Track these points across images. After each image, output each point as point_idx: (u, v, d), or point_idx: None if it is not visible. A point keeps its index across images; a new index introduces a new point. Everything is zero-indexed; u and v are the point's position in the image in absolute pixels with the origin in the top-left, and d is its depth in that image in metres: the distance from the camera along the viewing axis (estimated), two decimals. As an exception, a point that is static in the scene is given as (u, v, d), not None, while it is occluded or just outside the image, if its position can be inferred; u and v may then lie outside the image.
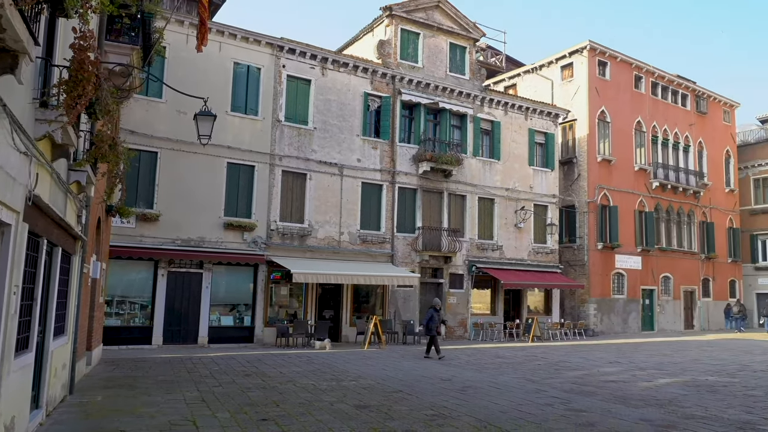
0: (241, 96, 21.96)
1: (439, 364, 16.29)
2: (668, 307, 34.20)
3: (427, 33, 26.39)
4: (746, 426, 8.50)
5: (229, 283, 21.43)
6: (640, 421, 8.74)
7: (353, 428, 7.95)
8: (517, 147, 28.70)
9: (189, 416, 8.52)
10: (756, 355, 20.16)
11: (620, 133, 32.65)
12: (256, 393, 10.65)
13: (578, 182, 31.30)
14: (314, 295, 22.82)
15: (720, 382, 13.19)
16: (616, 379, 13.66)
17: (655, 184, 33.79)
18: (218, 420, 8.32)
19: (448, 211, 26.25)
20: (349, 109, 24.09)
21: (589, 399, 10.67)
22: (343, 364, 15.72)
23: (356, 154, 24.08)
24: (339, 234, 23.34)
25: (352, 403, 9.83)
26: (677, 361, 17.75)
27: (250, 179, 21.78)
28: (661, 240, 34.20)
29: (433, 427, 8.08)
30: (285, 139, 22.56)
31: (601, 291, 30.71)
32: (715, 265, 37.35)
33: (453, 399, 10.40)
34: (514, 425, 8.30)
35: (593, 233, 30.78)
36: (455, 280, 26.29)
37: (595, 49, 31.89)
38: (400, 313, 24.44)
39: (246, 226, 21.33)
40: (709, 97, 38.34)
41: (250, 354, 17.82)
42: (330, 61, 23.75)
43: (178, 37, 20.40)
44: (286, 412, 8.99)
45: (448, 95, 26.51)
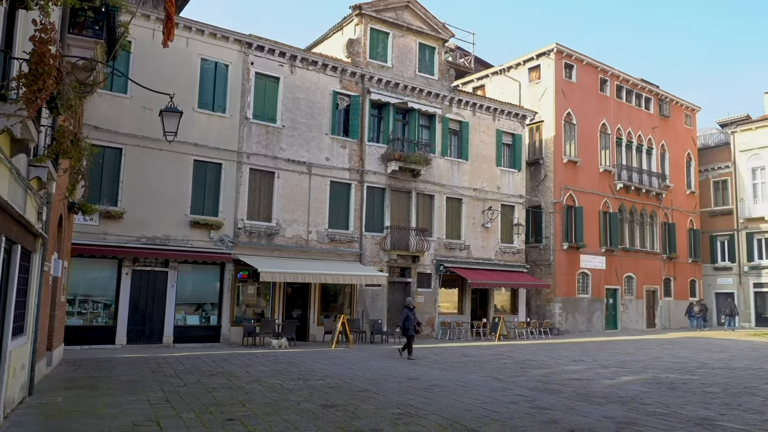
0: (208, 93, 21.71)
1: (407, 363, 16.36)
2: (631, 306, 34.86)
3: (397, 33, 26.44)
4: (704, 422, 8.71)
5: (195, 282, 21.17)
6: (603, 418, 8.90)
7: (319, 428, 7.92)
8: (484, 147, 28.94)
9: (153, 417, 8.39)
10: (714, 353, 20.68)
11: (586, 135, 33.16)
12: (221, 393, 10.55)
13: (545, 183, 31.70)
14: (282, 294, 22.68)
15: (680, 380, 13.50)
16: (580, 377, 13.87)
17: (619, 185, 34.42)
18: (183, 420, 8.22)
19: (417, 210, 26.34)
20: (317, 108, 24.01)
21: (554, 397, 10.82)
22: (311, 363, 15.67)
23: (325, 153, 24.01)
24: (307, 233, 23.24)
25: (319, 402, 9.80)
26: (639, 360, 18.11)
27: (217, 177, 21.55)
28: (624, 240, 34.85)
29: (400, 426, 8.10)
30: (253, 136, 22.37)
31: (566, 290, 31.17)
32: (676, 266, 38.20)
33: (420, 398, 10.45)
34: (480, 423, 8.37)
35: (559, 233, 31.21)
36: (423, 279, 26.40)
37: (562, 52, 32.34)
38: (368, 312, 24.45)
39: (213, 225, 21.10)
40: (672, 101, 39.20)
41: (217, 353, 17.63)
42: (299, 59, 23.63)
43: (144, 32, 20.07)
44: (252, 411, 8.92)
45: (417, 95, 26.61)
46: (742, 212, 39.40)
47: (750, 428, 8.32)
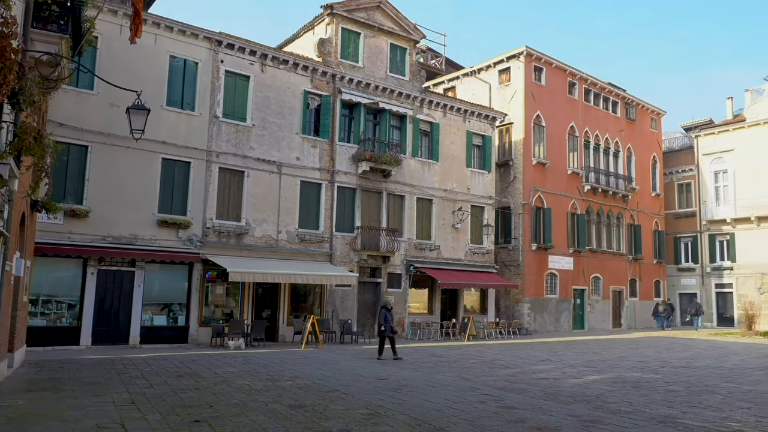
0: (177, 90, 21.44)
1: (377, 363, 16.38)
2: (598, 306, 35.40)
3: (368, 33, 26.45)
4: (666, 420, 8.89)
5: (162, 282, 20.89)
6: (569, 416, 9.02)
7: (288, 428, 7.89)
8: (455, 149, 29.12)
9: (118, 419, 8.25)
10: (677, 352, 21.13)
11: (554, 138, 33.58)
12: (189, 394, 10.42)
13: (514, 184, 32.02)
14: (251, 294, 22.51)
15: (644, 379, 13.76)
16: (547, 376, 14.04)
17: (587, 187, 34.92)
18: (149, 422, 8.10)
19: (387, 211, 26.38)
20: (288, 107, 23.89)
21: (521, 396, 10.94)
22: (280, 364, 15.58)
23: (295, 153, 23.90)
24: (277, 233, 23.11)
25: (288, 403, 9.75)
26: (605, 359, 18.40)
27: (186, 176, 21.30)
28: (591, 241, 35.38)
29: (369, 426, 8.10)
30: (222, 135, 22.17)
31: (534, 291, 31.52)
32: (642, 266, 38.92)
33: (389, 398, 10.46)
34: (448, 423, 8.42)
35: (528, 234, 31.55)
36: (393, 279, 26.45)
37: (532, 55, 32.70)
38: (338, 312, 24.40)
39: (181, 224, 20.84)
40: (638, 105, 39.93)
41: (184, 354, 17.42)
42: (270, 57, 23.48)
43: (111, 28, 19.74)
44: (219, 413, 8.83)
45: (388, 96, 26.65)
46: (705, 214, 40.33)
47: (710, 425, 8.52)
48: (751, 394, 11.49)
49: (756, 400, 10.76)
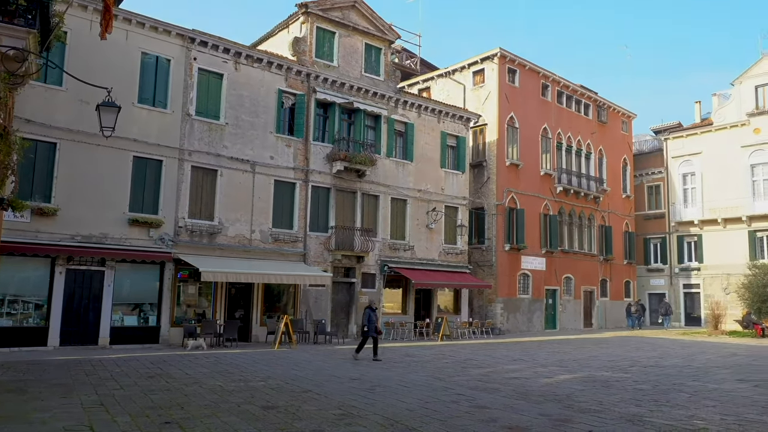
0: (149, 87, 21.16)
1: (350, 363, 16.35)
2: (569, 306, 35.82)
3: (343, 32, 26.40)
4: (634, 418, 9.03)
5: (133, 282, 20.60)
6: (540, 416, 9.11)
7: (260, 429, 7.83)
8: (429, 149, 29.22)
9: (86, 421, 8.12)
10: (646, 351, 21.47)
11: (528, 139, 33.89)
12: (159, 395, 10.29)
13: (488, 185, 32.24)
14: (224, 294, 22.32)
15: (613, 378, 13.95)
16: (519, 375, 14.17)
17: (559, 188, 35.31)
18: (118, 424, 7.98)
19: (362, 210, 26.37)
20: (262, 106, 23.73)
21: (493, 395, 11.01)
22: (252, 364, 15.47)
23: (269, 152, 23.75)
24: (250, 232, 22.95)
25: (260, 404, 9.69)
26: (576, 358, 18.62)
27: (158, 174, 21.03)
28: (563, 242, 35.78)
29: (341, 427, 8.09)
30: (195, 133, 21.94)
31: (507, 291, 31.77)
32: (612, 267, 39.48)
33: (362, 398, 10.46)
34: (421, 422, 8.45)
35: (501, 235, 31.79)
36: (367, 279, 26.43)
37: (506, 57, 32.95)
38: (312, 312, 24.32)
39: (152, 223, 20.58)
40: (609, 108, 40.49)
41: (155, 355, 17.21)
42: (244, 55, 23.30)
43: (81, 23, 19.42)
44: (190, 414, 8.74)
45: (363, 95, 26.63)
46: (674, 216, 41.09)
47: (676, 423, 8.68)
48: (716, 393, 11.72)
49: (721, 399, 10.99)
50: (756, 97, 38.42)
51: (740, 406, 10.17)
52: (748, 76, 38.78)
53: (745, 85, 38.86)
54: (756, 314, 30.71)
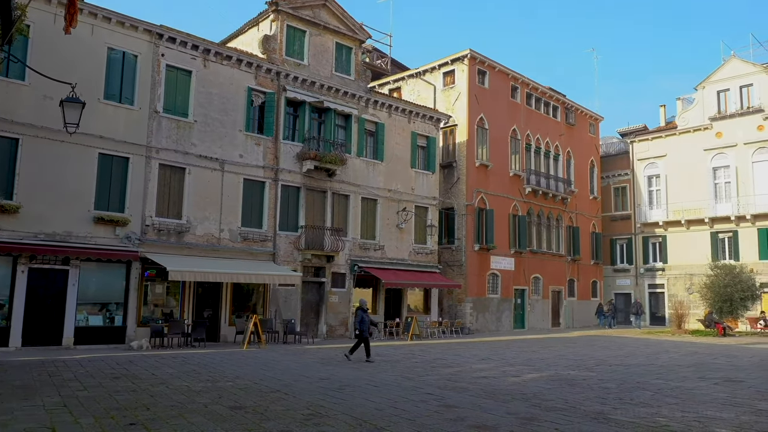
0: (115, 83, 20.80)
1: (320, 363, 16.30)
2: (538, 306, 36.24)
3: (314, 31, 26.30)
4: (599, 416, 9.18)
5: (99, 281, 20.24)
6: (507, 414, 9.20)
7: (227, 430, 7.76)
8: (400, 149, 29.28)
9: (48, 423, 7.94)
10: (612, 350, 21.83)
11: (497, 140, 34.19)
12: (124, 396, 10.13)
13: (457, 185, 32.43)
14: (192, 293, 22.06)
15: (580, 376, 14.15)
16: (488, 375, 14.28)
17: (528, 189, 35.70)
18: (81, 426, 7.82)
19: (332, 210, 26.30)
20: (231, 104, 23.51)
21: (461, 395, 11.08)
22: (221, 364, 15.32)
23: (239, 150, 23.55)
24: (219, 231, 22.72)
25: (228, 404, 9.60)
26: (543, 357, 18.84)
27: (124, 172, 20.69)
28: (532, 242, 36.19)
29: (309, 427, 8.06)
30: (163, 131, 21.64)
31: (477, 291, 32.01)
32: (580, 267, 40.06)
33: (330, 398, 10.43)
34: (389, 422, 8.46)
35: (471, 235, 32.01)
36: (337, 279, 26.39)
37: (476, 58, 33.19)
38: (281, 312, 24.18)
39: (119, 221, 20.23)
40: (577, 110, 41.08)
41: (121, 355, 16.93)
42: (213, 52, 23.05)
43: (45, 16, 19.00)
44: (156, 415, 8.62)
45: (333, 95, 26.56)
46: (639, 217, 41.89)
47: (639, 421, 8.84)
48: (678, 390, 11.98)
49: (682, 396, 11.23)
50: (718, 101, 39.36)
51: (700, 404, 10.40)
52: (710, 81, 39.71)
53: (708, 90, 39.78)
54: (717, 314, 31.45)
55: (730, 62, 39.24)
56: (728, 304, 31.02)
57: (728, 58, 39.47)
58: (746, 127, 37.86)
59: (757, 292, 31.48)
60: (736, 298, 30.82)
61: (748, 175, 37.59)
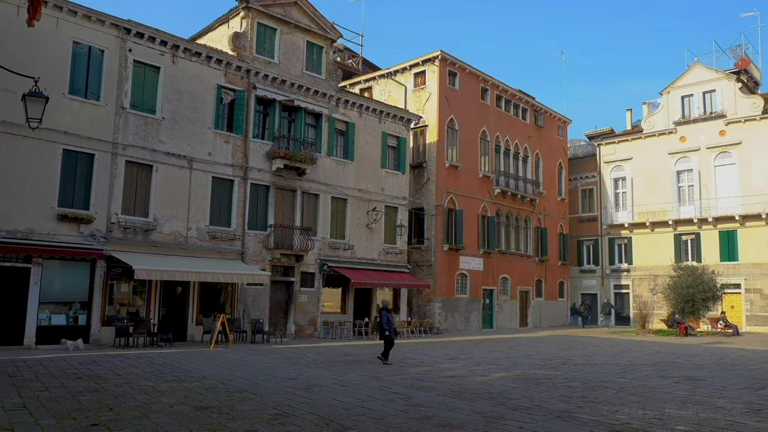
0: (80, 78, 20.41)
1: (287, 363, 16.22)
2: (506, 306, 36.60)
3: (285, 29, 26.15)
4: (563, 414, 9.32)
5: (62, 280, 19.85)
6: (473, 413, 9.28)
7: (192, 430, 7.69)
8: (370, 149, 29.29)
9: (7, 425, 7.76)
10: (578, 350, 22.15)
11: (467, 141, 34.43)
12: (87, 397, 9.96)
13: (427, 186, 32.57)
14: (158, 292, 21.76)
15: (545, 375, 14.34)
16: (455, 374, 14.38)
17: (497, 190, 36.02)
18: (41, 427, 7.67)
19: (301, 209, 26.20)
20: (200, 101, 23.26)
21: (429, 394, 11.14)
22: (187, 364, 15.15)
23: (207, 148, 23.31)
24: (187, 229, 22.45)
25: (193, 404, 9.50)
26: (510, 357, 19.04)
27: (89, 168, 20.31)
28: (501, 243, 36.53)
29: (276, 426, 8.03)
30: (130, 127, 21.30)
31: (446, 291, 32.19)
32: (547, 268, 40.57)
33: (298, 397, 10.40)
34: (356, 421, 8.47)
35: (440, 235, 32.18)
36: (306, 278, 26.29)
37: (447, 60, 33.37)
38: (249, 311, 24.00)
39: (83, 219, 19.86)
40: (546, 113, 41.59)
41: (85, 355, 16.62)
42: (182, 49, 22.77)
43: (7, 8, 18.58)
44: (119, 416, 8.49)
45: (304, 93, 26.45)
46: (606, 219, 42.59)
47: (602, 419, 9.00)
48: (640, 389, 12.22)
49: (644, 394, 11.46)
50: (682, 106, 40.22)
51: (661, 402, 10.63)
52: (675, 87, 40.55)
53: (672, 95, 40.62)
54: (680, 314, 32.12)
55: (693, 68, 40.13)
56: (690, 305, 31.70)
57: (692, 64, 40.38)
58: (709, 132, 38.76)
59: (717, 293, 32.23)
60: (698, 298, 31.53)
61: (710, 178, 38.49)
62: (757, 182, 36.56)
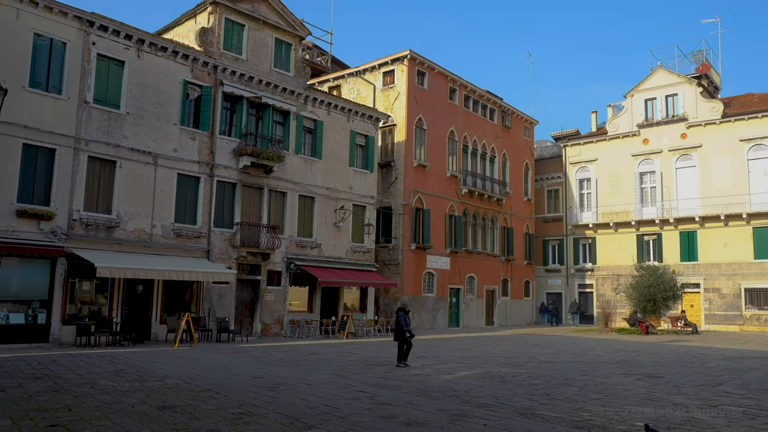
0: (42, 71, 19.92)
1: (252, 362, 16.10)
2: (472, 305, 36.88)
3: (253, 25, 25.93)
4: (527, 411, 9.44)
5: (21, 277, 19.36)
6: (438, 411, 9.33)
7: (154, 430, 7.58)
8: (338, 147, 29.23)
9: (-40, 426, 7.56)
10: (542, 348, 22.44)
11: (435, 141, 34.59)
12: (46, 397, 9.74)
13: (395, 185, 32.64)
14: (121, 291, 21.38)
15: (510, 373, 14.50)
16: (421, 372, 14.44)
17: (465, 190, 36.28)
18: (-4, 428, 7.49)
19: (269, 207, 26.01)
20: (166, 96, 22.92)
21: (394, 392, 11.17)
22: (150, 363, 14.92)
23: (173, 144, 22.98)
24: (151, 227, 22.11)
25: (156, 404, 9.37)
26: (476, 355, 19.20)
27: (50, 164, 19.84)
28: (468, 242, 36.80)
29: (239, 426, 7.96)
30: (93, 122, 20.87)
31: (413, 289, 32.30)
32: (513, 267, 41.01)
33: (263, 396, 10.33)
34: (320, 420, 8.45)
35: (407, 234, 32.27)
36: (273, 277, 26.11)
37: (415, 59, 33.47)
38: (215, 310, 23.74)
39: (43, 215, 19.40)
40: (513, 114, 42.01)
41: (44, 355, 16.25)
42: (147, 43, 22.40)
43: (-33, -1, 18.04)
44: (79, 416, 8.33)
45: (272, 90, 26.26)
46: (571, 219, 43.23)
47: (564, 416, 9.14)
48: (602, 386, 12.44)
49: (606, 392, 11.67)
50: (646, 109, 41.04)
51: (622, 398, 10.84)
52: (638, 90, 41.35)
53: (636, 98, 41.41)
54: (641, 313, 32.76)
55: (657, 73, 40.97)
56: (652, 304, 32.35)
57: (656, 68, 41.21)
58: (671, 135, 39.62)
59: (678, 292, 32.95)
60: (659, 297, 32.19)
61: (672, 180, 39.35)
62: (716, 184, 37.51)
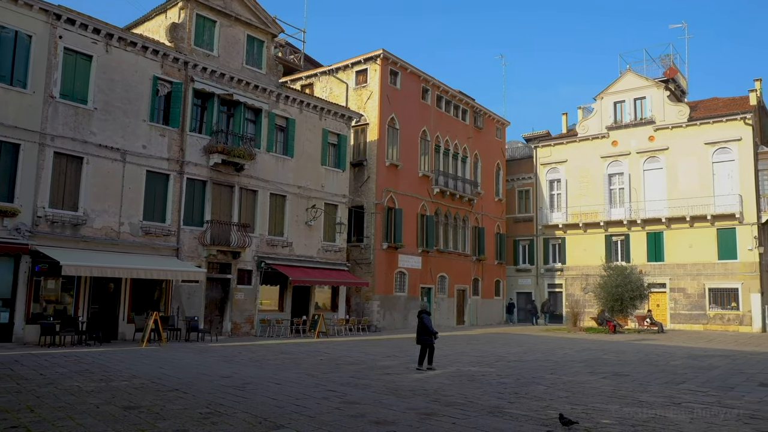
0: (5, 64, 19.45)
1: (221, 361, 15.96)
2: (443, 304, 37.04)
3: (225, 22, 25.68)
4: (495, 410, 9.52)
5: (-18, 276, 18.89)
6: (408, 410, 9.36)
7: (119, 431, 7.46)
8: (310, 146, 29.11)
9: None
10: (512, 347, 22.65)
11: (407, 141, 34.65)
12: (7, 398, 9.53)
13: (367, 184, 32.61)
14: (88, 289, 21.00)
15: (480, 372, 14.60)
16: (392, 372, 14.47)
17: (436, 190, 36.41)
18: (-46, 430, 7.30)
19: (239, 205, 25.79)
20: (135, 92, 22.56)
21: (364, 391, 11.17)
22: (116, 363, 14.69)
23: (142, 141, 22.64)
24: (119, 224, 21.75)
25: (121, 404, 9.22)
26: (447, 354, 19.30)
27: (14, 159, 19.38)
28: (439, 242, 36.95)
29: (207, 425, 7.88)
30: (59, 117, 20.46)
31: (384, 289, 32.32)
32: (484, 267, 41.28)
33: (231, 396, 10.25)
34: (289, 419, 8.41)
35: (379, 233, 32.28)
36: (244, 275, 25.90)
37: (388, 59, 33.48)
38: (184, 309, 23.46)
39: (7, 212, 18.95)
40: (485, 114, 42.29)
41: (6, 354, 15.88)
42: (116, 37, 22.03)
43: (-72, -11, 17.54)
44: (42, 417, 8.16)
45: (243, 88, 26.04)
46: (541, 220, 43.69)
47: (532, 414, 9.24)
48: (570, 384, 12.61)
49: (573, 390, 11.83)
50: (615, 112, 41.64)
51: (589, 396, 11.00)
52: (608, 93, 41.94)
53: (605, 101, 42.00)
54: (609, 312, 33.25)
55: (625, 76, 41.60)
56: (619, 303, 32.84)
57: (624, 71, 41.84)
58: (639, 137, 40.27)
59: (645, 291, 33.50)
60: (626, 297, 32.69)
61: (639, 182, 40.00)
62: (682, 186, 38.23)
